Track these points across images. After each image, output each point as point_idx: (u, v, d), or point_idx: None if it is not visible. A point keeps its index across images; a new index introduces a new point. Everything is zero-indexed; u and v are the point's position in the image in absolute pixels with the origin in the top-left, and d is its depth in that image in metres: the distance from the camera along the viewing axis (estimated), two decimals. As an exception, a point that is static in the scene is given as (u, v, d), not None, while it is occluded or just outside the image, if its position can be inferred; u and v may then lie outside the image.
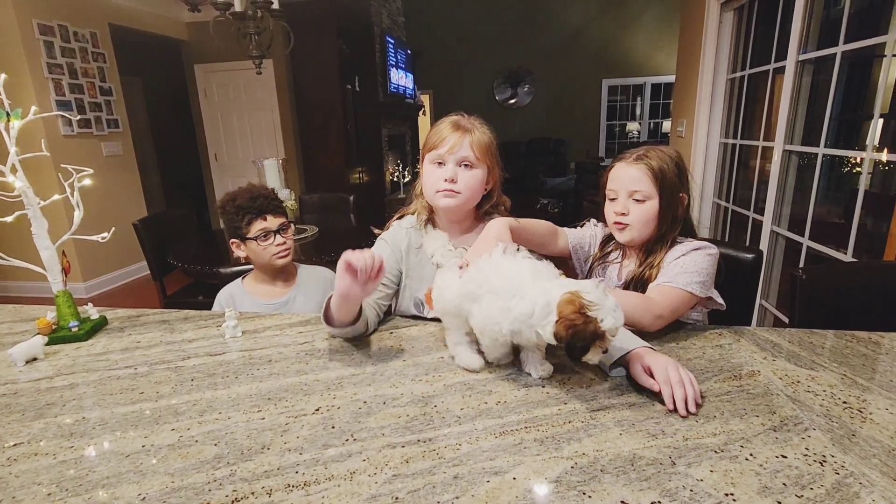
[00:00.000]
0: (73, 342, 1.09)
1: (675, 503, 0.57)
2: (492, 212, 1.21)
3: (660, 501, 0.57)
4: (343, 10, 5.03)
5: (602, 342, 0.75)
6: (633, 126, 8.58)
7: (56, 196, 1.09)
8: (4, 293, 3.99)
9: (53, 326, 1.10)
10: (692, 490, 0.59)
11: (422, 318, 1.17)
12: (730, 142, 3.09)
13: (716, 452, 0.65)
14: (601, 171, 1.20)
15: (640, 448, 0.67)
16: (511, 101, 8.70)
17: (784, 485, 0.59)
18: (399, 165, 6.22)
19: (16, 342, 1.01)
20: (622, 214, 1.10)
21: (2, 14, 3.48)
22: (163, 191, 6.30)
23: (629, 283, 1.12)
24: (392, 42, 5.89)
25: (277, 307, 1.41)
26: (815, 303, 1.20)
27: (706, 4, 3.06)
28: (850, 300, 1.22)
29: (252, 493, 0.61)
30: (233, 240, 1.42)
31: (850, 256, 1.91)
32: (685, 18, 3.64)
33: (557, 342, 0.74)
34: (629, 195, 1.09)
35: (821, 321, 1.11)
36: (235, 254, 1.44)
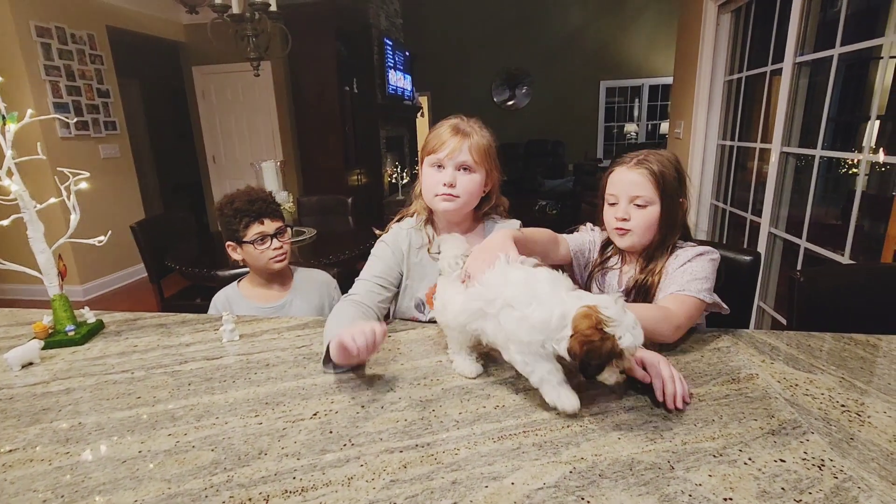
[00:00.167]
0: (70, 346, 1.08)
1: (674, 508, 0.57)
2: (491, 213, 1.21)
3: (658, 506, 0.57)
4: (341, 12, 5.03)
5: (619, 361, 0.70)
6: (631, 128, 8.59)
7: (52, 199, 1.09)
8: (0, 296, 3.97)
9: (50, 330, 1.10)
10: (691, 495, 0.59)
11: (420, 322, 1.17)
12: (727, 143, 3.09)
13: (714, 457, 0.65)
14: (599, 173, 1.19)
15: (639, 452, 0.67)
16: (509, 103, 8.71)
17: (783, 489, 0.59)
18: (397, 167, 6.21)
19: (12, 346, 1.00)
20: (623, 220, 1.07)
21: (-1, 16, 3.48)
22: (160, 193, 6.29)
23: (631, 290, 1.10)
24: (390, 44, 5.90)
25: (274, 311, 1.40)
26: (813, 305, 1.20)
27: (703, 6, 3.06)
28: (848, 302, 1.22)
29: (249, 500, 0.61)
30: (229, 243, 1.42)
31: (848, 258, 1.92)
32: (682, 20, 3.65)
33: (571, 359, 0.70)
34: (630, 200, 1.07)
35: (819, 323, 1.12)
36: (232, 257, 1.44)
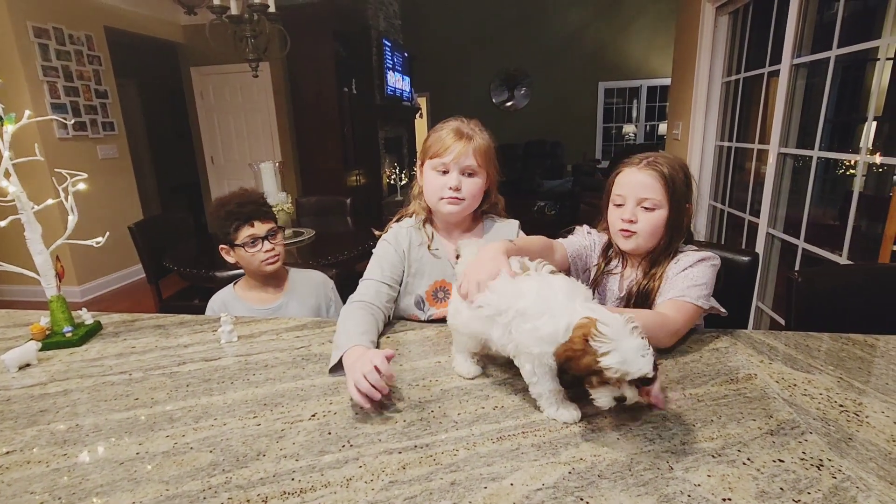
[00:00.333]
0: (67, 347, 1.08)
1: (673, 509, 0.57)
2: (489, 211, 1.23)
3: (657, 507, 0.57)
4: (340, 13, 5.04)
5: (600, 378, 0.66)
6: (630, 128, 8.61)
7: (50, 200, 1.08)
8: (-2, 297, 3.96)
9: (47, 332, 1.09)
10: (690, 495, 0.59)
11: (419, 322, 1.17)
12: (725, 144, 3.10)
13: (713, 457, 0.65)
14: (598, 174, 1.19)
15: (638, 453, 0.67)
16: (508, 104, 8.73)
17: (781, 489, 0.59)
18: (396, 168, 6.21)
19: (9, 347, 1.00)
20: (630, 222, 1.04)
21: (-4, 16, 3.47)
22: (159, 194, 6.28)
23: (632, 295, 1.08)
24: (389, 45, 5.90)
25: (269, 313, 1.40)
26: (811, 305, 1.21)
27: (701, 8, 3.07)
28: (846, 302, 1.22)
29: (248, 501, 0.61)
30: (222, 246, 1.42)
31: (846, 258, 1.92)
32: (680, 22, 3.66)
33: (556, 362, 0.71)
34: (638, 202, 1.03)
35: (817, 323, 1.12)
36: (226, 260, 1.44)
